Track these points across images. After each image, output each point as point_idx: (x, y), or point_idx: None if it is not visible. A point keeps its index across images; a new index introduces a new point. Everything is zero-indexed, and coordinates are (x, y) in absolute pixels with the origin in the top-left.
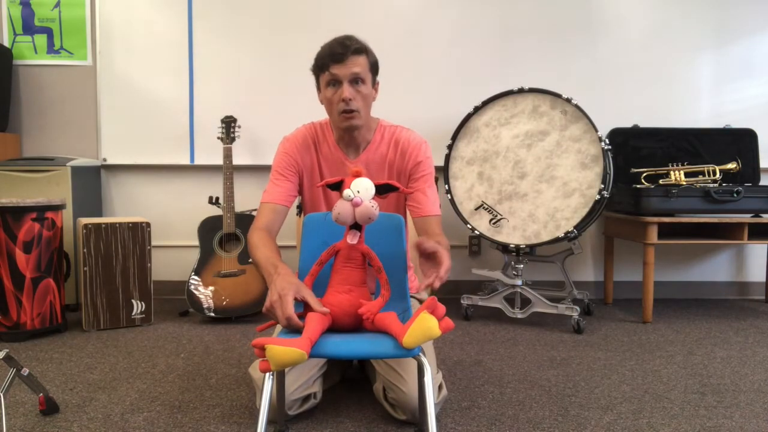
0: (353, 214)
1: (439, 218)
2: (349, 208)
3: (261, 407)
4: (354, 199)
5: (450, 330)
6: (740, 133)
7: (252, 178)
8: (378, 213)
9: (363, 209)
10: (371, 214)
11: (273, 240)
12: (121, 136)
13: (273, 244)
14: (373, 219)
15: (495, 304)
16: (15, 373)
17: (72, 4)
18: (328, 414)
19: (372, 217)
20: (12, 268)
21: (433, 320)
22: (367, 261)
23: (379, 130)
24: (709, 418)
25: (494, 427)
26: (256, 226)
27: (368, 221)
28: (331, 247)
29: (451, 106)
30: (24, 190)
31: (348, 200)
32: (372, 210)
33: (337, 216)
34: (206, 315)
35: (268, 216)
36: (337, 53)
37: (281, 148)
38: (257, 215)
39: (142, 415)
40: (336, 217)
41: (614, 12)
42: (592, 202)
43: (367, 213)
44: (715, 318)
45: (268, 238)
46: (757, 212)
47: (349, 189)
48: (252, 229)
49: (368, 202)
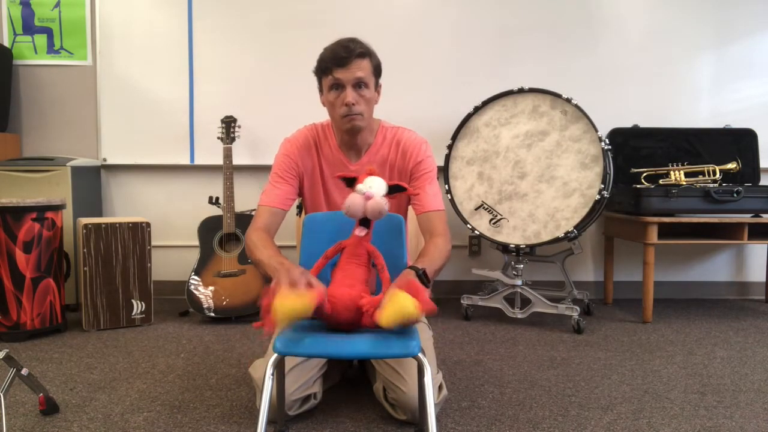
0: (364, 206)
1: (441, 213)
2: (360, 201)
3: (261, 407)
4: (366, 192)
5: (432, 312)
6: (740, 133)
7: (252, 178)
8: (387, 210)
9: (374, 203)
10: (381, 208)
11: (273, 240)
12: (121, 136)
13: (273, 244)
14: (383, 214)
15: (495, 304)
16: (15, 373)
17: (72, 4)
18: (328, 414)
19: (382, 212)
20: (12, 268)
21: (408, 299)
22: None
23: (380, 131)
24: (709, 418)
25: (494, 427)
26: (255, 227)
27: (378, 216)
28: (337, 243)
29: (451, 106)
30: (24, 190)
31: (360, 194)
32: (382, 205)
33: (348, 208)
34: (206, 315)
35: (266, 218)
36: (340, 57)
37: (282, 150)
38: (255, 216)
39: (142, 415)
40: (347, 209)
41: (614, 12)
42: (592, 202)
43: (378, 207)
44: (715, 318)
45: (268, 238)
46: (757, 212)
47: (362, 184)
48: (251, 230)
49: (380, 198)
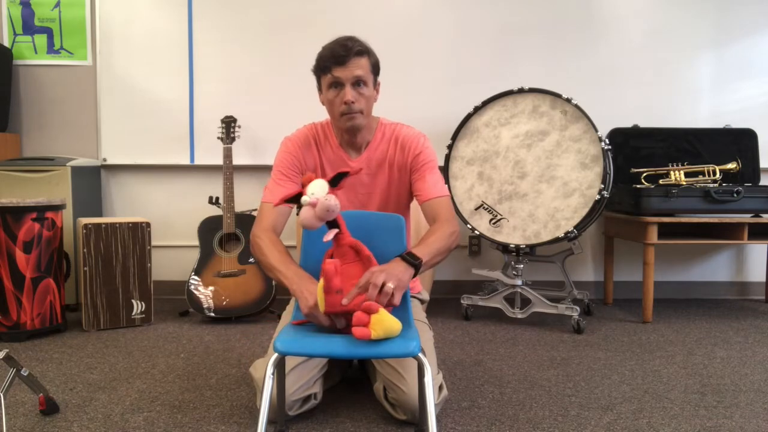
0: (314, 214)
1: (444, 199)
2: (309, 212)
3: (261, 407)
4: (310, 200)
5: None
6: (740, 133)
7: (252, 178)
8: (336, 202)
9: (320, 205)
10: (328, 206)
11: (280, 241)
12: (121, 136)
13: (283, 246)
14: (333, 209)
15: (495, 304)
16: (15, 373)
17: (72, 4)
18: (328, 414)
19: (330, 209)
20: (12, 268)
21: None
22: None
23: (379, 129)
24: (709, 418)
25: (494, 427)
26: (262, 227)
27: (331, 214)
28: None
29: (451, 106)
30: (24, 190)
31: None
32: (327, 202)
33: (303, 223)
34: (206, 315)
35: (272, 216)
36: (339, 55)
37: (283, 148)
38: (260, 215)
39: (142, 415)
40: (303, 225)
41: (614, 12)
42: (592, 202)
43: (324, 206)
44: (715, 318)
45: (277, 240)
46: (757, 212)
47: (305, 195)
48: (259, 230)
49: (323, 198)
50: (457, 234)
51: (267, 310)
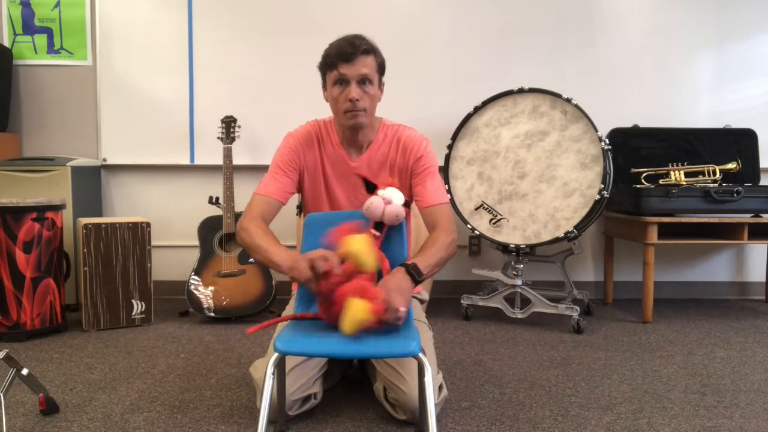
0: (383, 209)
1: (444, 206)
2: (380, 204)
3: (261, 407)
4: (386, 197)
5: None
6: (740, 133)
7: (252, 178)
8: (404, 217)
9: (393, 207)
10: (398, 212)
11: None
12: (121, 136)
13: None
14: (399, 220)
15: (495, 304)
16: (15, 373)
17: (72, 4)
18: (328, 414)
19: (398, 217)
20: (12, 268)
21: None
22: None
23: (381, 129)
24: (709, 418)
25: (494, 427)
26: (251, 215)
27: (394, 220)
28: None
29: (451, 106)
30: (24, 190)
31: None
32: (400, 211)
33: (368, 208)
34: (206, 315)
35: (262, 207)
36: (346, 52)
37: (285, 143)
38: (249, 206)
39: (142, 415)
40: (366, 209)
41: (614, 12)
42: (592, 202)
43: (395, 211)
44: (715, 318)
45: (264, 226)
46: (757, 212)
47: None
48: (246, 218)
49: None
50: (455, 243)
51: (267, 310)
